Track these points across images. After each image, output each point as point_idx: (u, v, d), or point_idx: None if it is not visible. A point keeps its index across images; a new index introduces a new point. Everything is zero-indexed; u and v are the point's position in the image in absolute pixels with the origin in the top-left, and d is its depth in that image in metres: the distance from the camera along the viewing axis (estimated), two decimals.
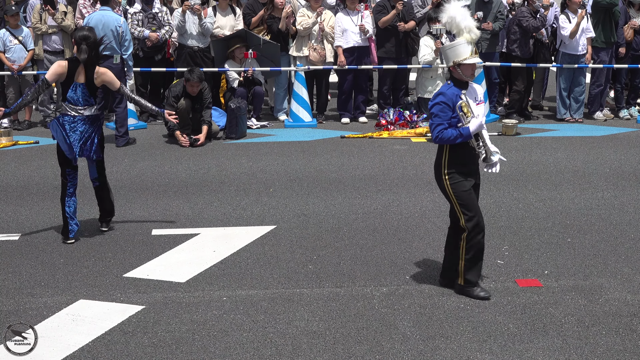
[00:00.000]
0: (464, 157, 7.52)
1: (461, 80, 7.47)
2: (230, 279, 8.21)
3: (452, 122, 7.38)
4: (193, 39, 15.26)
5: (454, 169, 7.53)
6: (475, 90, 7.61)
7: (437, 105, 7.42)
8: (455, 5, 7.66)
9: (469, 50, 7.40)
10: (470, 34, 7.45)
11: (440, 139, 7.41)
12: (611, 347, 6.77)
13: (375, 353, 6.67)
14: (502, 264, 8.57)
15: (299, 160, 12.78)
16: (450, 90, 7.43)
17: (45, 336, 6.92)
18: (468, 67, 7.43)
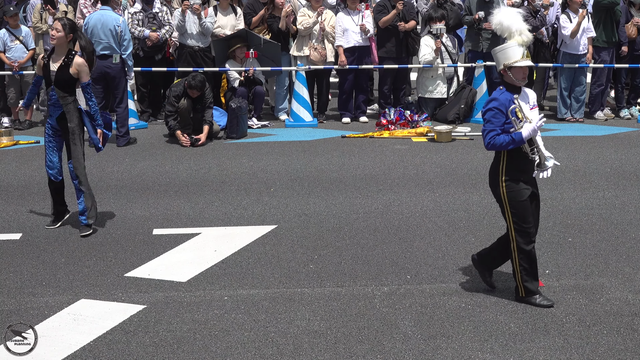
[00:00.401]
0: (523, 164, 7.33)
1: (513, 85, 7.29)
2: (231, 278, 8.21)
3: (505, 127, 7.22)
4: (193, 38, 15.25)
5: (512, 177, 7.36)
6: (528, 94, 7.44)
7: (489, 111, 7.27)
8: (506, 9, 7.60)
9: (520, 53, 7.24)
10: (522, 37, 7.27)
11: (492, 145, 7.25)
12: (612, 346, 6.77)
13: (376, 352, 6.67)
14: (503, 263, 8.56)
15: (299, 160, 12.78)
16: (503, 95, 7.25)
17: (46, 336, 6.93)
18: (519, 71, 7.24)
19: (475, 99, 15.76)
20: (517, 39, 7.27)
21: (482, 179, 11.52)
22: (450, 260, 8.66)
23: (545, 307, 7.40)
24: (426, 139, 14.35)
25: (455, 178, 11.72)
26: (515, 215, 7.43)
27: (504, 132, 7.23)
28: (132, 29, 14.91)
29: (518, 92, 7.31)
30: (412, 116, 15.09)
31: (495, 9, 15.13)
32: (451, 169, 12.27)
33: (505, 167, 7.37)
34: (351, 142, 14.06)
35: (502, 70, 7.34)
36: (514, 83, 7.28)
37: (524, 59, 7.26)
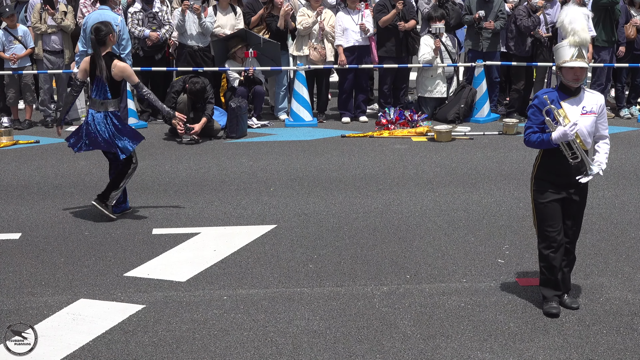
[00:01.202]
0: (557, 167, 7.18)
1: (566, 85, 7.14)
2: (230, 278, 8.21)
3: (544, 127, 7.12)
4: (193, 38, 15.25)
5: (542, 176, 7.24)
6: (586, 99, 7.17)
7: (530, 108, 7.21)
8: (572, 7, 7.47)
9: (570, 54, 7.04)
10: (574, 37, 7.05)
11: (526, 141, 7.19)
12: (612, 346, 6.76)
13: (375, 352, 6.67)
14: (503, 263, 8.57)
15: (299, 160, 12.78)
16: (548, 94, 7.12)
17: (45, 335, 6.92)
18: (569, 71, 7.05)
19: (475, 99, 15.75)
20: (570, 39, 7.07)
21: (481, 179, 11.56)
22: (449, 259, 8.66)
23: (549, 315, 7.29)
24: (426, 138, 14.35)
25: (454, 178, 11.71)
26: (537, 215, 7.36)
27: (541, 130, 7.14)
28: (132, 28, 14.92)
29: (571, 93, 7.12)
30: (412, 116, 15.08)
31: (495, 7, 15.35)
32: (451, 168, 12.26)
33: (539, 165, 7.29)
34: (351, 142, 14.05)
35: (557, 70, 7.24)
36: (565, 83, 7.13)
37: (574, 59, 7.03)
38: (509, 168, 12.06)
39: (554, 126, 7.00)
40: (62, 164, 12.63)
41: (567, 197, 7.24)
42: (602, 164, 7.21)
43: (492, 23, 15.55)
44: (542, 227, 7.31)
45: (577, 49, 7.03)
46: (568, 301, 7.44)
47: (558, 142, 6.99)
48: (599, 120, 7.21)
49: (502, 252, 8.87)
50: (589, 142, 7.18)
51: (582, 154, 7.04)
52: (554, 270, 7.31)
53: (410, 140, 14.24)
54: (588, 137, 7.13)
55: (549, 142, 7.03)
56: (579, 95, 7.15)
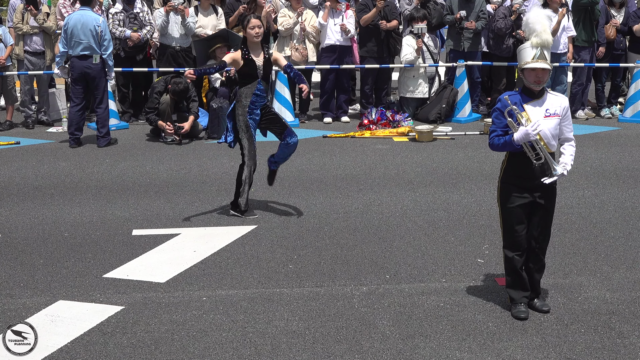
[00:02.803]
0: (522, 170, 7.13)
1: (529, 89, 7.10)
2: (210, 279, 8.20)
3: (507, 129, 7.08)
4: (175, 39, 15.23)
5: (508, 180, 7.21)
6: (550, 101, 7.13)
7: (494, 111, 7.17)
8: (536, 9, 7.48)
9: (532, 55, 7.01)
10: (536, 38, 7.02)
11: (491, 145, 7.18)
12: (590, 345, 6.78)
13: (354, 352, 6.66)
14: (483, 262, 8.58)
15: None
16: (511, 97, 7.08)
17: None
18: (530, 73, 7.01)
19: (457, 99, 15.80)
20: (532, 40, 7.05)
21: (462, 179, 11.58)
22: (429, 259, 8.67)
23: (517, 318, 7.26)
24: (407, 138, 14.38)
25: (435, 178, 11.73)
26: (503, 219, 7.34)
27: (506, 134, 7.10)
28: (113, 29, 14.89)
29: (534, 96, 7.08)
30: (394, 116, 15.11)
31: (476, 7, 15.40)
32: (432, 168, 12.28)
33: (505, 169, 7.26)
34: (332, 142, 14.06)
35: (520, 73, 7.22)
36: (528, 85, 7.10)
37: (536, 61, 7.00)
38: (490, 168, 12.08)
39: (516, 127, 6.97)
40: (42, 165, 12.59)
41: (533, 200, 7.19)
42: (567, 165, 7.21)
43: (473, 23, 15.59)
44: (507, 231, 7.30)
45: (539, 50, 7.03)
46: (538, 305, 7.44)
47: (521, 142, 6.94)
48: (564, 123, 7.19)
49: (481, 251, 8.89)
50: (553, 145, 7.15)
51: (546, 155, 7.01)
52: (519, 273, 7.32)
53: (391, 141, 14.26)
54: (552, 140, 7.11)
55: (511, 144, 6.98)
56: (542, 98, 7.12)
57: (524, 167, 7.12)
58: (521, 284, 7.36)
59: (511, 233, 7.27)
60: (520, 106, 7.04)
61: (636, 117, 15.73)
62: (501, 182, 7.28)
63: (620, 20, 16.02)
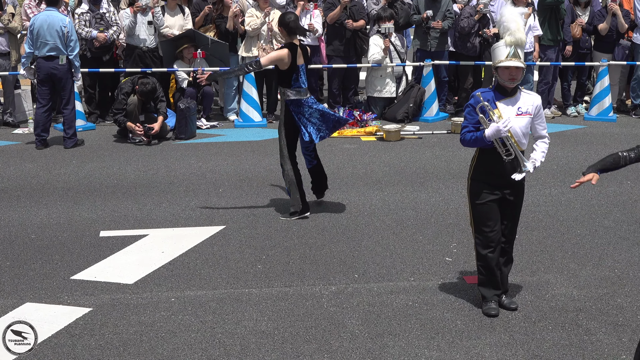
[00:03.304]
0: (492, 167, 7.16)
1: (503, 87, 7.14)
2: (178, 279, 8.17)
3: (479, 126, 7.10)
4: (142, 40, 15.17)
5: (478, 177, 7.24)
6: (522, 100, 7.16)
7: (467, 107, 7.19)
8: (509, 8, 7.51)
9: (506, 53, 7.04)
10: (510, 37, 7.06)
11: (462, 140, 7.17)
12: (557, 342, 6.83)
13: (323, 352, 6.67)
14: (451, 261, 8.61)
15: (248, 160, 12.75)
16: (484, 94, 7.11)
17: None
18: (504, 71, 7.04)
19: (424, 98, 15.84)
20: (506, 39, 7.08)
21: (430, 178, 11.62)
22: (397, 258, 8.69)
23: (488, 315, 7.32)
24: (375, 138, 14.39)
25: (403, 177, 11.76)
26: (474, 216, 7.37)
27: (477, 130, 7.12)
28: (79, 29, 14.80)
29: (507, 94, 7.11)
30: (361, 115, 15.12)
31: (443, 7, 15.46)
32: (400, 167, 12.31)
33: (474, 166, 7.29)
34: None
35: (493, 71, 7.25)
36: (501, 84, 7.12)
37: (510, 59, 7.03)
38: (458, 167, 12.12)
39: (487, 123, 7.00)
40: (8, 167, 12.50)
41: (502, 197, 7.24)
42: (537, 161, 7.19)
43: (439, 23, 15.64)
44: (479, 228, 7.34)
45: (513, 48, 7.06)
46: (506, 302, 7.48)
47: (492, 139, 6.97)
48: (536, 121, 7.23)
49: (449, 250, 8.92)
50: (524, 143, 7.18)
51: (516, 151, 7.03)
52: (492, 270, 7.35)
53: (359, 140, 14.27)
54: (523, 138, 7.14)
55: (482, 140, 7.02)
56: (515, 96, 7.15)
57: (494, 163, 7.15)
58: (494, 282, 7.39)
59: (483, 230, 7.31)
60: (493, 103, 7.08)
61: (602, 115, 15.85)
62: (471, 179, 7.32)
63: (586, 19, 16.12)
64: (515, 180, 7.11)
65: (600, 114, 15.88)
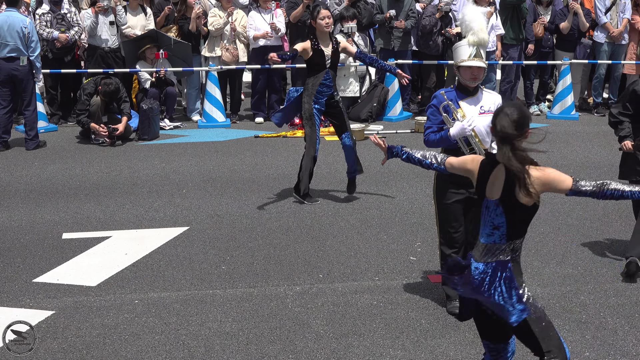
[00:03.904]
0: None
1: (465, 86, 7.17)
2: (142, 281, 8.13)
3: (442, 126, 7.13)
4: (104, 40, 15.08)
5: (444, 177, 7.19)
6: (485, 99, 7.20)
7: (429, 108, 7.22)
8: (471, 7, 7.52)
9: (468, 53, 7.08)
10: (472, 36, 7.11)
11: (426, 141, 7.18)
12: None
13: (288, 352, 6.66)
14: (415, 260, 8.63)
15: (212, 161, 12.71)
16: (447, 94, 7.15)
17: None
18: (466, 71, 7.09)
19: (388, 97, 15.86)
20: (468, 39, 7.14)
21: (394, 177, 11.64)
22: (362, 258, 8.69)
23: (452, 314, 7.31)
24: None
25: (367, 176, 11.74)
26: (439, 216, 7.40)
27: (441, 129, 7.14)
28: (40, 30, 14.68)
29: (469, 93, 7.13)
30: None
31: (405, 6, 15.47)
32: (364, 167, 12.27)
33: None
34: (264, 142, 14.03)
35: (455, 70, 7.29)
36: (463, 83, 7.16)
37: (472, 59, 7.08)
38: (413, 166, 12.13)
39: (451, 122, 7.02)
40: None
41: (469, 196, 7.24)
42: None
43: (402, 22, 15.66)
44: (444, 228, 7.36)
45: (475, 48, 7.10)
46: None
47: (456, 137, 6.99)
48: None
49: (414, 249, 8.94)
50: (487, 142, 7.17)
51: (480, 150, 7.02)
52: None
53: (323, 140, 14.20)
54: (487, 137, 7.13)
55: (447, 139, 7.04)
56: (477, 95, 7.20)
57: None
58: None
59: (448, 231, 7.33)
60: (456, 103, 7.11)
61: (564, 113, 15.94)
62: (437, 178, 7.34)
63: (548, 18, 16.21)
64: None
65: (563, 112, 15.97)
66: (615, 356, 6.62)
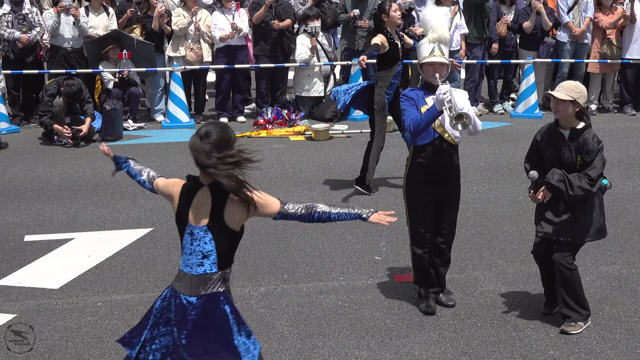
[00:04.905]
0: (427, 165, 7.19)
1: (429, 83, 7.17)
2: (105, 283, 8.06)
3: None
4: (66, 40, 14.96)
5: (414, 177, 7.26)
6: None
7: (402, 103, 7.19)
8: (432, 7, 7.56)
9: (429, 50, 7.14)
10: (433, 34, 7.17)
11: (412, 126, 6.99)
12: (486, 339, 6.87)
13: None
14: (380, 260, 8.62)
15: (176, 162, 12.63)
16: (412, 92, 7.19)
17: None
18: (428, 67, 7.13)
19: None
20: (429, 36, 7.21)
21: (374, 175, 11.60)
22: (327, 258, 8.67)
23: (425, 313, 7.34)
24: (304, 137, 14.36)
25: (332, 176, 11.74)
26: (410, 216, 7.41)
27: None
28: (1, 30, 14.54)
29: (434, 89, 7.10)
30: (290, 115, 15.09)
31: (370, 5, 15.46)
32: (329, 167, 12.30)
33: (409, 166, 7.32)
34: None
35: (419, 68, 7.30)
36: (427, 80, 7.20)
37: (433, 55, 7.14)
38: (386, 165, 12.14)
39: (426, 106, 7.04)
40: None
41: (439, 197, 7.28)
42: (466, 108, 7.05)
43: (366, 22, 15.65)
44: (414, 228, 7.37)
45: (436, 45, 7.16)
46: (444, 299, 7.52)
47: (439, 107, 6.83)
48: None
49: (379, 249, 8.93)
50: (457, 137, 7.25)
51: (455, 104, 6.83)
52: (427, 270, 7.39)
53: (288, 140, 14.24)
54: (456, 132, 7.19)
55: (433, 111, 6.89)
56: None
57: (429, 162, 7.20)
58: (429, 280, 7.43)
59: (419, 231, 7.34)
60: (423, 100, 7.13)
61: (528, 112, 16.01)
62: (407, 179, 7.34)
63: (511, 17, 16.27)
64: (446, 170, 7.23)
65: (527, 111, 16.04)
66: (579, 354, 6.65)
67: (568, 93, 6.86)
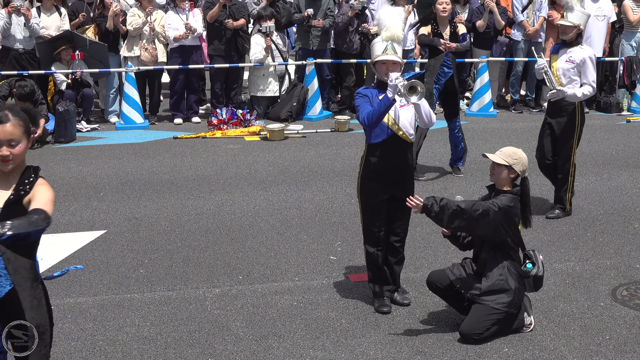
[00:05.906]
0: (381, 165, 7.19)
1: (383, 82, 7.14)
2: (57, 287, 7.94)
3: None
4: (18, 41, 14.80)
5: (368, 176, 7.25)
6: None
7: (356, 100, 7.17)
8: (386, 6, 7.58)
9: (382, 48, 7.15)
10: (386, 32, 7.17)
11: (367, 118, 6.95)
12: (441, 337, 6.87)
13: (207, 356, 6.58)
14: (335, 259, 8.60)
15: (130, 163, 12.54)
16: (367, 90, 7.21)
17: None
18: (381, 66, 7.13)
19: (307, 97, 15.84)
20: (382, 35, 7.21)
21: (314, 176, 11.61)
22: (282, 258, 8.64)
23: (380, 312, 7.34)
24: (259, 137, 14.33)
25: (287, 176, 11.72)
26: (364, 214, 7.41)
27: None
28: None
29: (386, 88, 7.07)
30: (245, 115, 15.04)
31: (324, 5, 15.46)
32: (284, 167, 12.27)
33: (364, 165, 7.31)
34: (183, 143, 13.90)
35: (372, 66, 7.32)
36: (380, 78, 7.20)
37: (385, 53, 7.14)
38: (341, 165, 12.15)
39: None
40: None
41: (393, 195, 7.29)
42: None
43: (320, 21, 15.66)
44: (368, 226, 7.38)
45: (389, 43, 7.18)
46: (399, 298, 7.52)
47: (394, 92, 6.78)
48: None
49: (334, 249, 8.91)
50: (412, 134, 7.25)
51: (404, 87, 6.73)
52: (380, 268, 7.39)
53: (243, 140, 14.19)
54: (410, 129, 7.23)
55: (386, 99, 6.83)
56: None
57: (383, 161, 7.21)
58: (383, 278, 7.44)
59: (372, 228, 7.34)
60: (376, 98, 7.11)
61: (482, 110, 16.10)
62: (361, 178, 7.34)
63: (465, 16, 16.33)
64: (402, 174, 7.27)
65: (481, 110, 16.13)
66: (533, 351, 6.67)
67: (505, 158, 6.95)
